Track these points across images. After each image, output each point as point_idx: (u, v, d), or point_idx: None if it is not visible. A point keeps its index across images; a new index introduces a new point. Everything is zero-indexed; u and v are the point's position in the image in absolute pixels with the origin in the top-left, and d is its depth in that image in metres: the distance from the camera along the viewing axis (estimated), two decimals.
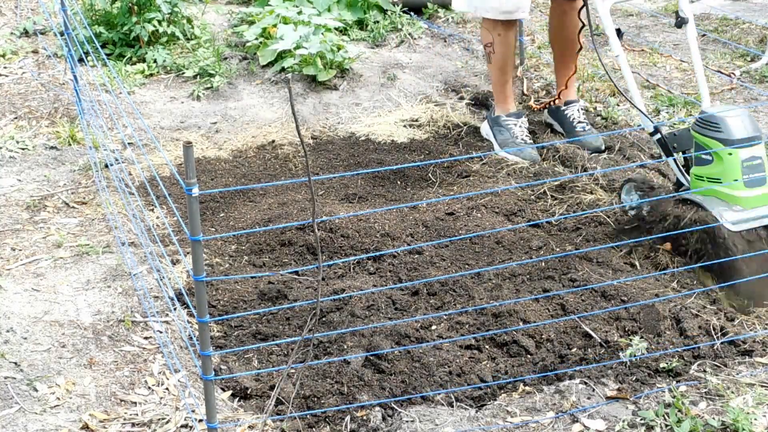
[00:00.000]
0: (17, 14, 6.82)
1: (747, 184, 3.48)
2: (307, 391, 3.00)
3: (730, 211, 3.46)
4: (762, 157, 3.55)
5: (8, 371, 3.11)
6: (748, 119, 3.58)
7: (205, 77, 5.65)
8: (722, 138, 3.54)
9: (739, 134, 3.52)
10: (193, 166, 2.32)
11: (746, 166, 3.49)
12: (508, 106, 4.84)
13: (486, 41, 4.74)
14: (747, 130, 3.53)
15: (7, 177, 4.55)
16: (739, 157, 3.49)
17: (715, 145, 3.56)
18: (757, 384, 2.97)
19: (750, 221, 3.44)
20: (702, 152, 3.60)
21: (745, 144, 3.50)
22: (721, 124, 3.55)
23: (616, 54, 3.97)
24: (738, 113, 3.58)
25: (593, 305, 3.41)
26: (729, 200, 3.49)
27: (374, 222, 4.04)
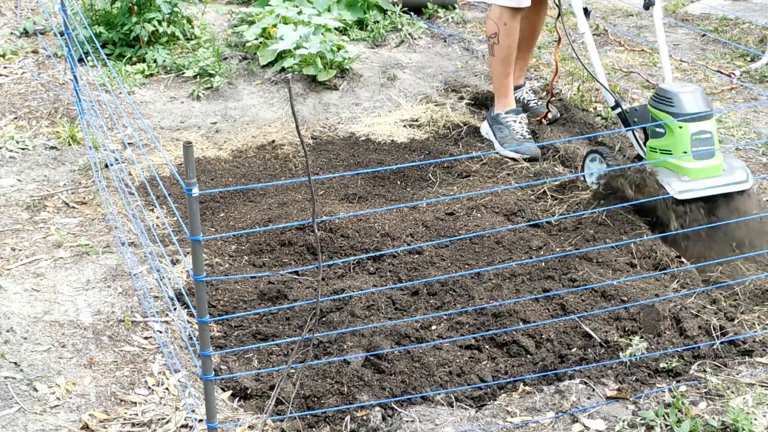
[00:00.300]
0: (17, 14, 6.82)
1: (695, 156, 3.69)
2: (307, 391, 3.00)
3: (678, 181, 3.66)
4: (711, 132, 3.74)
5: (8, 371, 3.11)
6: (700, 95, 3.78)
7: (205, 77, 5.65)
8: (674, 112, 3.76)
9: (689, 109, 3.73)
10: (193, 166, 2.32)
11: (695, 139, 3.71)
12: (508, 101, 4.82)
13: (491, 32, 4.71)
14: (698, 106, 3.74)
15: (7, 177, 4.55)
16: (688, 131, 3.71)
17: (667, 118, 3.77)
18: (757, 384, 2.97)
19: (696, 191, 3.64)
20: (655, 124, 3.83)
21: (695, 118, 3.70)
22: (673, 99, 3.77)
23: (582, 31, 4.23)
24: (691, 89, 3.79)
25: (593, 305, 3.41)
26: (678, 171, 3.71)
27: (374, 222, 4.04)
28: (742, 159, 4.50)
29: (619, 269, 3.66)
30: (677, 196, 3.62)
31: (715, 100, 5.21)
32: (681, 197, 3.62)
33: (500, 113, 4.80)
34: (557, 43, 4.86)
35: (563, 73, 5.67)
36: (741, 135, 4.75)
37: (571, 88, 5.43)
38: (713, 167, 3.72)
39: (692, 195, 3.63)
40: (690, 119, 3.72)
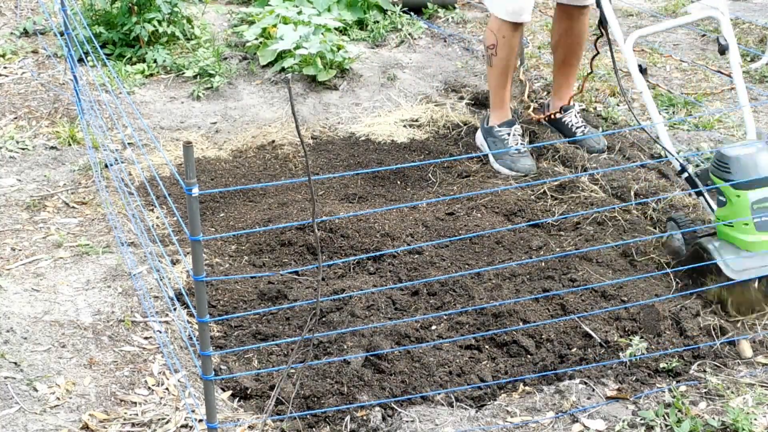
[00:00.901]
0: (17, 14, 6.82)
1: (758, 228, 3.30)
2: (307, 391, 3.00)
3: (737, 258, 3.28)
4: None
5: (8, 371, 3.11)
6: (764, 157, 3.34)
7: (205, 77, 5.65)
8: (731, 179, 3.35)
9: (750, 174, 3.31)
10: (193, 166, 2.32)
11: (757, 208, 3.30)
12: (503, 113, 4.70)
13: (489, 43, 4.60)
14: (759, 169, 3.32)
15: (7, 177, 4.55)
16: (748, 200, 3.31)
17: (725, 187, 3.38)
18: (757, 384, 2.97)
19: (755, 269, 3.26)
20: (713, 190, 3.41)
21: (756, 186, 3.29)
22: (731, 165, 3.34)
23: (640, 90, 3.80)
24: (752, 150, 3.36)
25: (593, 305, 3.41)
26: (740, 245, 3.32)
27: (374, 222, 4.04)
28: None
29: (619, 269, 3.66)
30: (732, 277, 3.25)
31: (715, 100, 5.22)
32: (736, 278, 3.25)
33: (494, 126, 4.68)
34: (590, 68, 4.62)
35: None
36: (741, 135, 4.75)
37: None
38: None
39: (749, 276, 3.25)
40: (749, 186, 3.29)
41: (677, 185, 4.25)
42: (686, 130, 4.83)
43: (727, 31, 3.77)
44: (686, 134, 4.80)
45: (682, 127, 4.87)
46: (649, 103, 3.76)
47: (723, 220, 3.39)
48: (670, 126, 4.88)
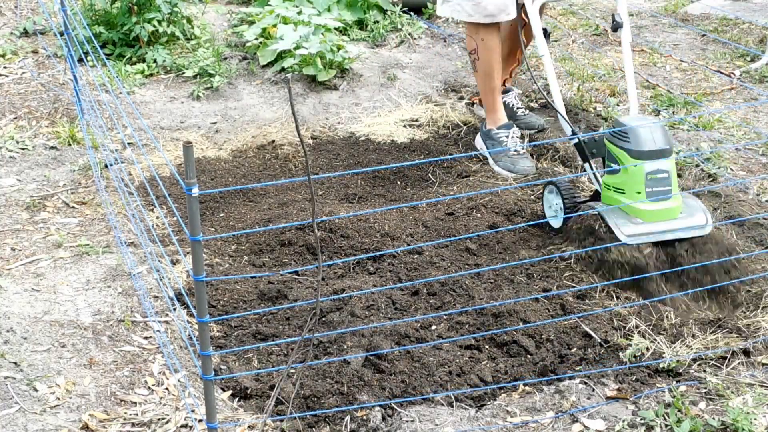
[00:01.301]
0: (17, 14, 6.82)
1: (650, 197, 3.47)
2: (307, 391, 3.00)
3: (629, 223, 3.46)
4: (669, 171, 3.50)
5: (8, 371, 3.11)
6: (660, 131, 3.53)
7: (205, 77, 5.65)
8: (628, 148, 3.50)
9: (646, 146, 3.48)
10: (193, 166, 2.32)
11: (651, 179, 3.47)
12: (498, 116, 4.70)
13: (470, 48, 4.62)
14: (656, 143, 3.49)
15: (7, 177, 4.55)
16: (643, 170, 3.47)
17: (622, 155, 3.53)
18: (757, 384, 2.97)
19: (647, 235, 3.44)
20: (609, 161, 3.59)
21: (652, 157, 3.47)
22: (629, 134, 3.51)
23: (542, 54, 3.96)
24: (650, 124, 3.54)
25: (593, 305, 3.41)
26: (631, 212, 3.50)
27: (374, 222, 4.04)
28: (742, 159, 4.51)
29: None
30: (625, 241, 3.44)
31: (715, 100, 5.22)
32: (629, 242, 3.44)
33: (492, 129, 4.69)
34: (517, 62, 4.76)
35: (562, 73, 5.67)
36: (741, 135, 4.75)
37: (571, 88, 5.43)
38: (669, 210, 3.50)
39: (641, 240, 3.45)
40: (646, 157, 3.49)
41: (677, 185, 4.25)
42: (686, 130, 4.83)
43: (622, 9, 3.95)
44: (686, 134, 4.80)
45: (682, 127, 4.87)
46: (548, 67, 3.96)
47: (613, 187, 3.56)
48: (670, 126, 4.88)
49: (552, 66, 3.99)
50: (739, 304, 3.43)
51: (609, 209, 3.55)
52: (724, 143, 4.65)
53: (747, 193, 4.16)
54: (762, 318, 3.30)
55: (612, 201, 3.59)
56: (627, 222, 3.48)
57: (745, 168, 4.44)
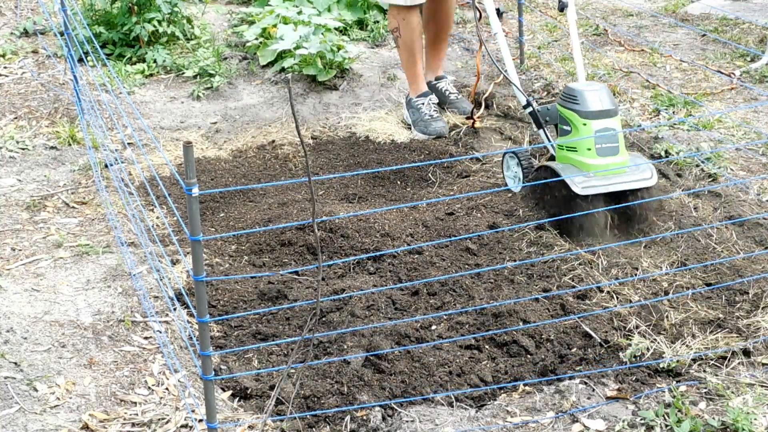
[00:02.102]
0: (17, 14, 6.82)
1: (599, 154, 3.81)
2: (307, 391, 3.00)
3: (581, 177, 3.77)
4: (616, 129, 3.85)
5: (8, 371, 3.11)
6: (605, 94, 3.90)
7: (205, 77, 5.65)
8: (578, 110, 3.89)
9: (593, 107, 3.86)
10: (193, 166, 2.32)
11: (599, 136, 3.82)
12: (418, 86, 5.14)
13: (392, 27, 5.08)
14: (602, 104, 3.86)
15: (7, 177, 4.55)
16: (592, 128, 3.83)
17: (572, 116, 3.91)
18: (757, 384, 2.97)
19: (598, 188, 3.76)
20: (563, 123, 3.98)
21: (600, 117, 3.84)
22: (578, 97, 3.90)
23: (495, 32, 4.40)
24: (596, 88, 3.92)
25: (593, 305, 3.41)
26: (582, 168, 3.82)
27: (374, 222, 4.04)
28: (742, 159, 4.51)
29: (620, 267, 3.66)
30: (579, 192, 3.73)
31: (715, 100, 5.22)
32: (582, 193, 3.73)
33: (412, 98, 5.15)
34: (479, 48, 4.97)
35: (562, 73, 5.67)
36: (741, 135, 4.75)
37: None
38: (617, 164, 3.82)
39: (593, 191, 3.75)
40: (594, 116, 3.84)
41: (677, 185, 4.25)
42: (686, 130, 4.83)
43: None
44: (686, 134, 4.80)
45: (682, 127, 4.86)
46: (502, 43, 4.38)
47: (566, 146, 3.93)
48: (671, 126, 4.88)
49: (505, 41, 4.39)
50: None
51: (563, 166, 3.87)
52: (724, 143, 4.65)
53: (747, 193, 4.16)
54: (762, 318, 3.30)
55: (566, 160, 3.92)
56: (580, 176, 3.78)
57: (745, 168, 4.44)
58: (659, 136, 4.77)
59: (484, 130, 5.02)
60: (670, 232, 3.79)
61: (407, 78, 5.22)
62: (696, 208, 4.01)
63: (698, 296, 3.45)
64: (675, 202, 4.07)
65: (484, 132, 4.98)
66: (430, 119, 5.03)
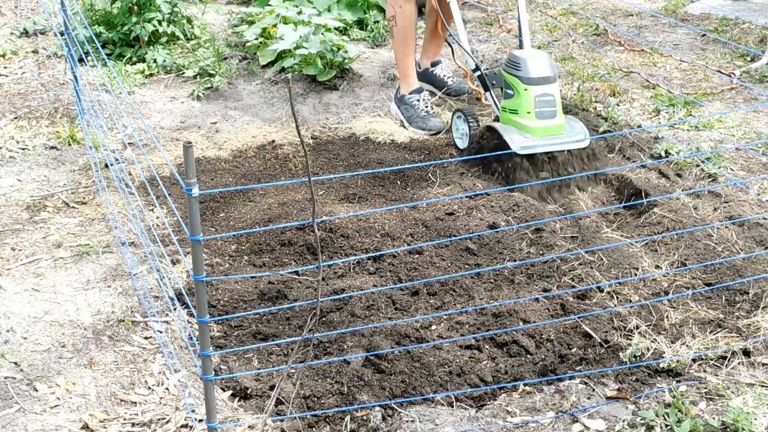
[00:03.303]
0: (17, 14, 6.82)
1: (538, 117, 4.20)
2: (307, 391, 3.00)
3: (520, 137, 4.18)
4: (554, 95, 4.23)
5: (8, 371, 3.11)
6: (546, 62, 4.27)
7: (205, 77, 5.65)
8: (520, 75, 4.26)
9: (534, 73, 4.23)
10: (193, 166, 2.32)
11: (539, 101, 4.21)
12: (410, 81, 5.18)
13: (389, 15, 5.11)
14: (543, 71, 4.23)
15: (7, 177, 4.55)
16: (532, 93, 4.21)
17: (515, 81, 4.27)
18: (757, 384, 2.97)
19: (535, 147, 4.16)
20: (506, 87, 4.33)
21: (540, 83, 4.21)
22: (521, 64, 4.27)
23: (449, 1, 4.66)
24: (538, 55, 4.28)
25: (593, 305, 3.41)
26: (523, 129, 4.23)
27: (374, 222, 4.04)
28: (742, 159, 4.51)
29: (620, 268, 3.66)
30: (517, 151, 4.13)
31: (715, 100, 5.22)
32: (521, 152, 4.14)
33: (405, 94, 5.17)
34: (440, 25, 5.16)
35: (563, 73, 5.67)
36: (741, 135, 4.75)
37: (571, 87, 5.43)
38: (554, 127, 4.21)
39: (531, 151, 4.15)
40: (534, 83, 4.21)
41: (677, 185, 4.25)
42: (686, 130, 4.83)
43: None
44: (686, 134, 4.80)
45: (682, 127, 4.87)
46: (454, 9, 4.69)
47: (509, 109, 4.33)
48: (671, 126, 4.88)
49: (458, 8, 4.71)
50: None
51: (505, 126, 4.28)
52: (724, 143, 4.65)
53: (747, 193, 4.16)
54: (762, 318, 3.30)
55: (508, 121, 4.33)
56: (519, 136, 4.19)
57: (745, 168, 4.44)
58: (659, 136, 4.77)
59: None
60: (670, 232, 3.78)
61: (399, 72, 5.25)
62: (696, 208, 4.01)
63: (698, 296, 3.45)
64: (675, 202, 4.07)
65: None
66: (427, 115, 5.09)
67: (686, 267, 3.60)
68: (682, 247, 3.74)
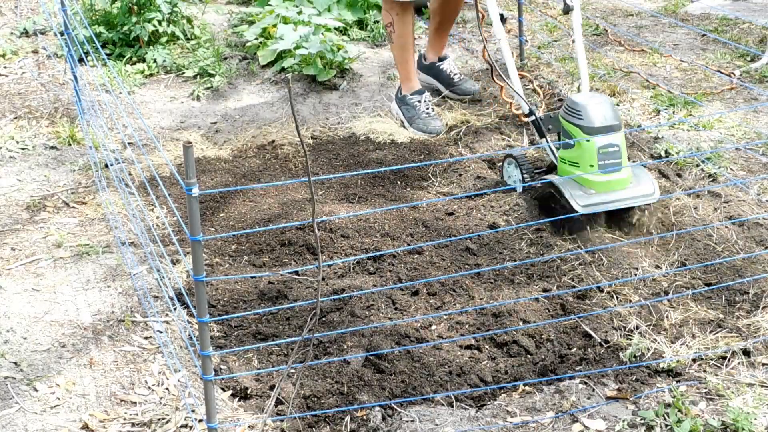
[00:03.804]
0: (17, 14, 6.82)
1: (602, 170, 3.77)
2: (307, 391, 3.00)
3: (582, 194, 3.76)
4: (619, 145, 3.78)
5: (8, 371, 3.11)
6: (609, 108, 3.83)
7: (205, 77, 5.65)
8: (581, 125, 3.81)
9: (597, 122, 3.78)
10: (193, 166, 2.32)
11: (602, 153, 3.77)
12: (412, 84, 5.18)
13: (386, 22, 5.09)
14: (606, 119, 3.79)
15: (7, 177, 4.55)
16: (595, 144, 3.76)
17: (575, 131, 3.83)
18: (757, 384, 2.97)
19: (599, 205, 3.75)
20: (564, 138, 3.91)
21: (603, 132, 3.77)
22: (582, 112, 3.82)
23: (499, 38, 4.26)
24: (600, 101, 3.84)
25: (593, 305, 3.41)
26: (585, 184, 3.80)
27: (374, 222, 4.04)
28: (742, 159, 4.51)
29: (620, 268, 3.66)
30: (580, 211, 3.72)
31: (715, 100, 5.22)
32: (583, 212, 3.73)
33: (406, 95, 5.17)
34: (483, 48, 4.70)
35: (564, 73, 5.67)
36: (741, 135, 4.75)
37: (571, 88, 5.43)
38: (619, 181, 3.79)
39: (594, 210, 3.74)
40: (597, 132, 3.77)
41: (678, 185, 4.25)
42: (686, 130, 4.83)
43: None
44: (686, 134, 4.80)
45: (682, 127, 4.87)
46: (505, 51, 4.25)
47: (568, 160, 3.88)
48: (671, 126, 4.88)
49: (509, 49, 4.27)
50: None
51: (564, 180, 3.84)
52: (724, 143, 4.65)
53: (747, 193, 4.16)
54: (762, 318, 3.30)
55: (567, 173, 3.88)
56: (581, 192, 3.77)
57: (745, 168, 4.44)
58: (659, 136, 4.77)
59: (483, 129, 5.02)
60: (670, 232, 3.78)
61: (399, 74, 5.25)
62: (696, 208, 4.01)
63: (698, 296, 3.45)
64: (675, 202, 4.07)
65: (484, 132, 4.98)
66: (428, 117, 5.10)
67: (686, 267, 3.60)
68: (682, 247, 3.75)
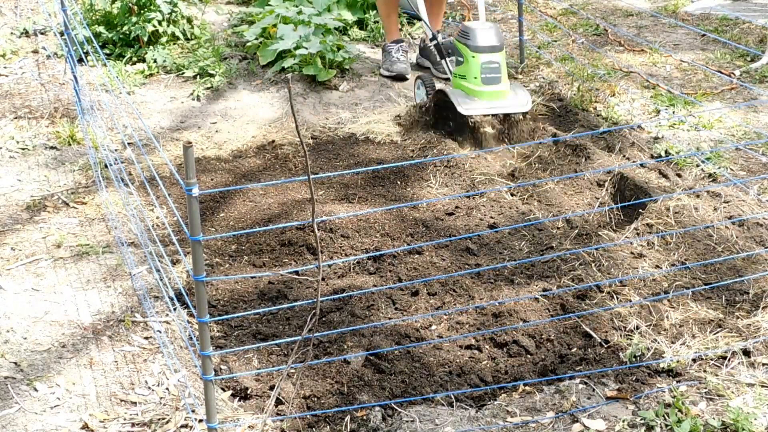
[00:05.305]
0: (17, 14, 6.82)
1: (484, 82, 4.65)
2: (307, 391, 3.00)
3: (466, 100, 4.65)
4: (499, 63, 4.68)
5: (8, 371, 3.11)
6: (494, 33, 4.72)
7: (205, 77, 5.64)
8: (469, 44, 4.72)
9: (482, 42, 4.69)
10: (193, 166, 2.32)
11: (485, 68, 4.66)
12: (393, 35, 5.81)
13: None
14: (490, 40, 4.69)
15: (7, 177, 4.55)
16: (479, 60, 4.67)
17: (464, 49, 4.75)
18: (757, 384, 2.97)
19: (479, 110, 4.65)
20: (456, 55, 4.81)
21: (486, 51, 4.67)
22: (470, 34, 4.72)
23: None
24: (487, 27, 4.73)
25: (593, 305, 3.41)
26: (470, 93, 4.70)
27: (374, 222, 4.04)
28: (742, 159, 4.51)
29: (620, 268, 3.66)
30: (462, 113, 4.61)
31: (715, 99, 5.22)
32: (465, 113, 4.61)
33: (387, 43, 5.80)
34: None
35: (563, 73, 5.67)
36: (741, 135, 4.75)
37: (571, 88, 5.43)
38: (498, 92, 4.67)
39: (474, 112, 4.63)
40: (481, 51, 4.67)
41: (677, 185, 4.25)
42: (686, 130, 4.83)
43: None
44: (686, 134, 4.80)
45: (682, 127, 4.87)
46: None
47: (459, 74, 4.82)
48: (671, 126, 4.88)
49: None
50: None
51: (454, 90, 4.77)
52: (724, 143, 4.65)
53: (747, 193, 4.16)
54: (762, 318, 3.30)
55: (458, 86, 4.81)
56: (467, 100, 4.66)
57: (745, 168, 4.44)
58: (659, 136, 4.77)
59: None
60: (670, 232, 3.79)
61: (384, 27, 5.90)
62: (696, 208, 4.01)
63: (698, 296, 3.45)
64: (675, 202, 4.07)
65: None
66: (397, 61, 5.68)
67: (686, 267, 3.60)
68: (682, 247, 3.75)
